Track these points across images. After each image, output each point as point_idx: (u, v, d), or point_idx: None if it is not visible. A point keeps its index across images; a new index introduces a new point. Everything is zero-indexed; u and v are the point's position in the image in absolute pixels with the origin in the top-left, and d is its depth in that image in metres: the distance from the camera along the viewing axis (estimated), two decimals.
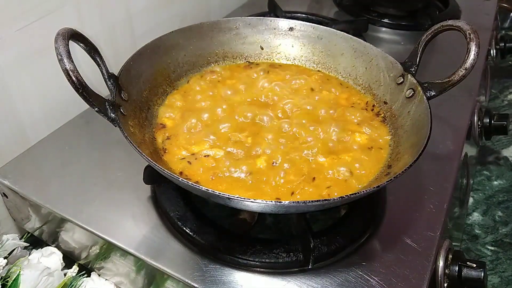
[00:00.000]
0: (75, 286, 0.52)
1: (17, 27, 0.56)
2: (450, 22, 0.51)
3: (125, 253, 0.48)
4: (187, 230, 0.48)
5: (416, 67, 0.55)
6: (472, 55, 0.48)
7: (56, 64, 0.40)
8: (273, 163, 0.50)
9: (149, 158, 0.42)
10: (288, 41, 0.67)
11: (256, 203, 0.40)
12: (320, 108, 0.58)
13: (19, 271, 0.49)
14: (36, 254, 0.53)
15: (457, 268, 0.48)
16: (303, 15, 0.93)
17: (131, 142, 0.43)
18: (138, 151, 0.42)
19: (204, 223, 0.49)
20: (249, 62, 0.66)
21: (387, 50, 0.60)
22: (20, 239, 0.57)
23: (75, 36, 0.44)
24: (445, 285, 0.48)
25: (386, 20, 0.95)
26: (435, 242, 0.49)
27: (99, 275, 0.55)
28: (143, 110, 0.54)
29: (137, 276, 0.50)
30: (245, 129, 0.54)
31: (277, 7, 0.90)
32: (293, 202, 0.40)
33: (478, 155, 0.82)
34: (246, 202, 0.40)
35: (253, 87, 0.62)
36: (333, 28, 0.65)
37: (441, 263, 0.48)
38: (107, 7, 0.68)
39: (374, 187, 0.41)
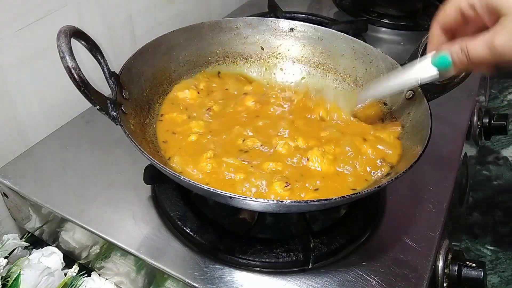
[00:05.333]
0: (76, 285, 0.52)
1: (17, 27, 0.56)
2: None
3: (125, 253, 0.48)
4: (187, 230, 0.48)
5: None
6: None
7: (57, 64, 0.41)
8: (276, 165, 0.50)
9: (150, 157, 0.42)
10: (288, 41, 0.67)
11: (258, 202, 0.40)
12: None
13: (20, 271, 0.49)
14: (36, 254, 0.54)
15: (456, 268, 0.48)
16: (303, 15, 0.93)
17: (132, 140, 0.43)
18: (140, 149, 0.42)
19: (204, 222, 0.49)
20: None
21: (387, 50, 0.60)
22: (21, 239, 0.57)
23: (77, 34, 0.44)
24: (445, 285, 0.48)
25: (386, 21, 0.95)
26: (435, 242, 0.49)
27: (99, 275, 0.55)
28: (144, 108, 0.54)
29: (137, 276, 0.51)
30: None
31: (277, 8, 0.90)
32: (294, 202, 0.40)
33: (478, 155, 0.83)
34: (247, 201, 0.40)
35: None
36: (333, 29, 0.65)
37: (440, 263, 0.48)
38: (107, 7, 0.68)
39: (375, 187, 0.41)
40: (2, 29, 0.54)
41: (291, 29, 0.66)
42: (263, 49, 0.67)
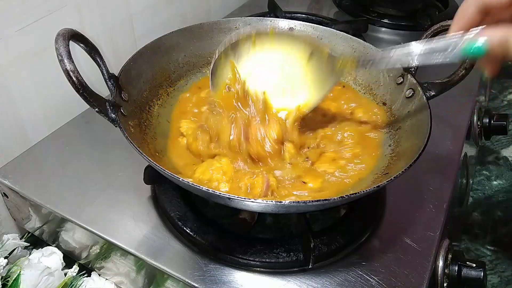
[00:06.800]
0: (76, 285, 0.52)
1: (17, 27, 0.56)
2: (449, 22, 0.51)
3: (125, 253, 0.48)
4: (187, 230, 0.48)
5: (415, 67, 0.55)
6: None
7: (56, 64, 0.41)
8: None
9: (150, 158, 0.42)
10: None
11: (256, 203, 0.40)
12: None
13: (20, 271, 0.50)
14: (36, 254, 0.54)
15: (456, 268, 0.48)
16: (303, 15, 0.93)
17: (131, 143, 0.43)
18: (139, 151, 0.42)
19: (204, 223, 0.49)
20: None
21: None
22: (21, 239, 0.57)
23: (76, 36, 0.44)
24: (445, 284, 0.48)
25: (385, 21, 0.95)
26: (435, 242, 0.49)
27: (99, 275, 0.55)
28: (143, 110, 0.54)
29: (137, 276, 0.51)
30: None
31: (277, 7, 0.90)
32: (293, 202, 0.40)
33: (478, 155, 0.83)
34: (246, 202, 0.40)
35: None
36: (333, 29, 0.65)
37: (440, 263, 0.48)
38: (107, 7, 0.68)
39: (374, 187, 0.41)
40: (2, 29, 0.54)
41: (291, 29, 0.66)
42: None
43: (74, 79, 0.41)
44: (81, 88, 0.42)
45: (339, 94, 0.61)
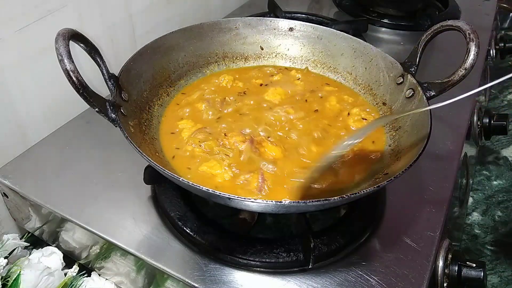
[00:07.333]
0: (76, 285, 0.52)
1: (17, 27, 0.56)
2: (450, 22, 0.51)
3: (125, 253, 0.48)
4: (187, 230, 0.48)
5: (415, 67, 0.55)
6: (471, 55, 0.49)
7: (57, 65, 0.41)
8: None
9: (150, 158, 0.42)
10: (288, 41, 0.67)
11: (256, 203, 0.40)
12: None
13: (20, 271, 0.49)
14: (36, 254, 0.54)
15: (456, 268, 0.48)
16: (303, 15, 0.93)
17: (131, 142, 0.43)
18: (139, 151, 0.42)
19: (204, 223, 0.49)
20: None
21: (387, 50, 0.60)
22: (21, 239, 0.57)
23: (76, 36, 0.44)
24: (445, 284, 0.48)
25: (385, 20, 0.95)
26: (435, 242, 0.49)
27: (99, 275, 0.55)
28: (144, 110, 0.54)
29: (137, 276, 0.51)
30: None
31: (277, 7, 0.90)
32: (293, 202, 0.40)
33: (478, 155, 0.83)
34: (247, 202, 0.40)
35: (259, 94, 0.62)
36: (333, 29, 0.65)
37: (440, 263, 0.48)
38: (107, 7, 0.68)
39: (374, 187, 0.41)
40: (2, 29, 0.54)
41: (291, 29, 0.66)
42: (262, 49, 0.67)
43: (74, 79, 0.41)
44: (81, 88, 0.42)
45: (339, 93, 0.62)
